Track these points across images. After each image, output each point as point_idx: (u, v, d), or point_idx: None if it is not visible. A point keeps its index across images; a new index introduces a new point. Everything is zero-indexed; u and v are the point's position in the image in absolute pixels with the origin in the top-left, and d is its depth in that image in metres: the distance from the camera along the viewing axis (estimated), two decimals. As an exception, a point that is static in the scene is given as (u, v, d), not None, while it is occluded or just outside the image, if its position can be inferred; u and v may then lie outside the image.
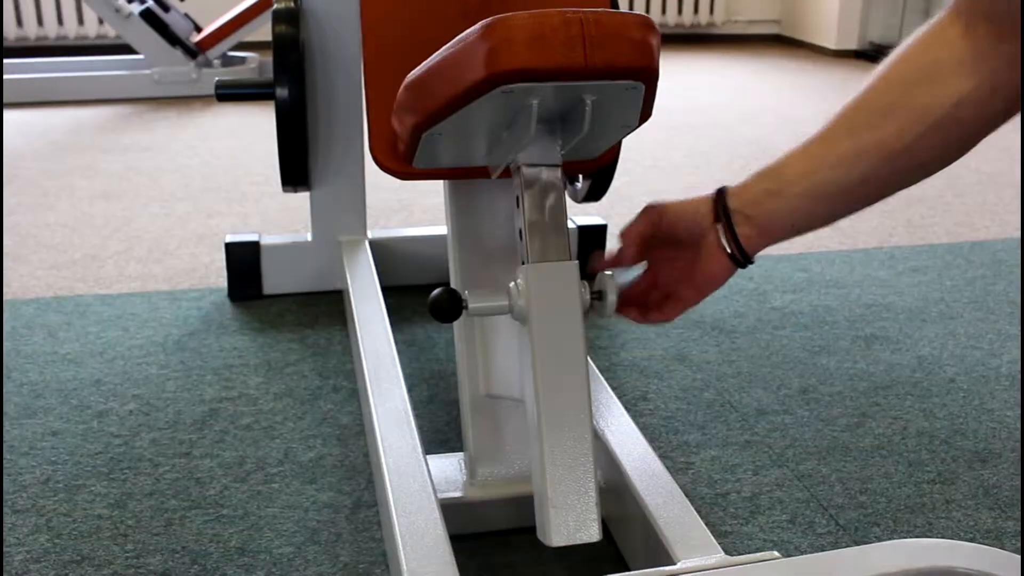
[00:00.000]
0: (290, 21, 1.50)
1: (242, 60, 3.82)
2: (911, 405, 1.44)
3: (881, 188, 0.78)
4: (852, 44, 4.86)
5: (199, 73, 3.59)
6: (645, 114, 0.80)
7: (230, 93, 1.57)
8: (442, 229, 1.88)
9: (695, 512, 0.98)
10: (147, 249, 2.03)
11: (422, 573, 0.86)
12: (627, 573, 0.88)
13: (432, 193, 2.43)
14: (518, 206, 0.85)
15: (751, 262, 0.82)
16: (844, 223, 2.34)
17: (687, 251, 0.84)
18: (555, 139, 0.83)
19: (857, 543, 1.11)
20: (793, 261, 2.08)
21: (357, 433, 1.31)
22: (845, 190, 0.76)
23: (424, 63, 0.81)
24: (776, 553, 0.91)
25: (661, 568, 0.89)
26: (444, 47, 0.77)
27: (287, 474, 1.21)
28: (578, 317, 0.84)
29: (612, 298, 0.87)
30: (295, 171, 1.57)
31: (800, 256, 2.11)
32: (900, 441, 1.33)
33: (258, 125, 3.20)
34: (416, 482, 1.01)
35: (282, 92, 1.47)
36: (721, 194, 0.81)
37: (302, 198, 2.35)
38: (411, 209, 2.35)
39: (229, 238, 1.75)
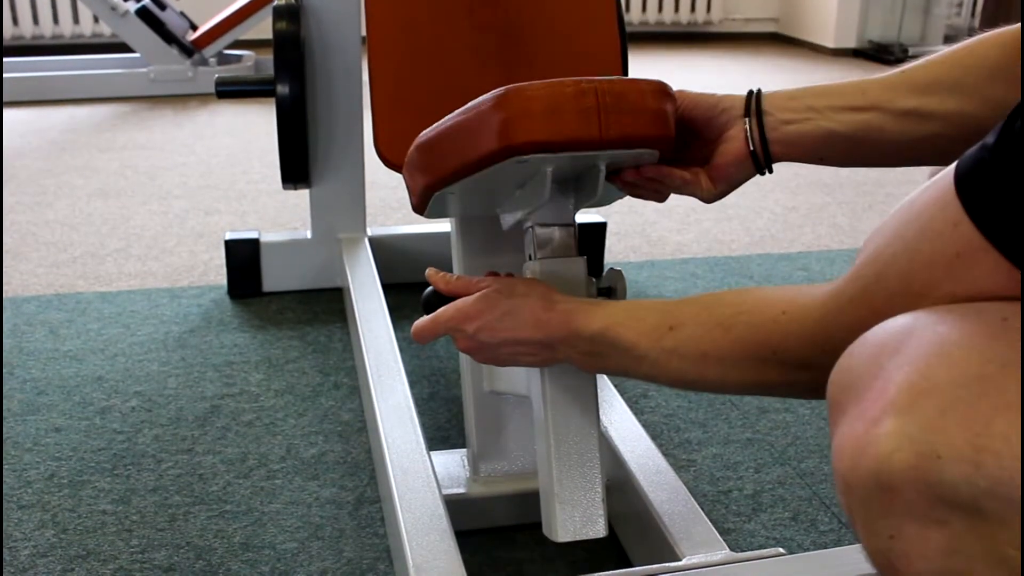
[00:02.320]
0: (291, 18, 1.50)
1: (238, 58, 3.82)
2: (911, 402, 1.44)
3: (926, 156, 0.75)
4: (851, 43, 4.87)
5: (195, 71, 3.59)
6: None
7: (230, 90, 1.56)
8: (441, 227, 1.88)
9: (699, 509, 0.98)
10: (146, 247, 2.03)
11: (428, 568, 0.86)
12: (632, 569, 0.88)
13: (431, 191, 2.43)
14: (530, 260, 0.86)
15: (770, 170, 0.78)
16: (844, 221, 2.38)
17: (699, 141, 0.80)
18: (568, 199, 0.84)
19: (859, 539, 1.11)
20: (793, 260, 2.09)
21: (359, 430, 1.31)
22: (894, 142, 0.73)
23: (435, 125, 0.80)
24: (781, 550, 0.92)
25: (667, 564, 0.89)
26: (457, 111, 0.76)
27: (289, 470, 1.21)
28: (584, 313, 0.85)
29: (622, 295, 0.87)
30: (296, 168, 1.57)
31: (800, 255, 2.12)
32: (900, 438, 1.34)
33: (255, 124, 3.20)
34: (420, 478, 1.01)
35: (283, 89, 1.47)
36: (757, 95, 0.77)
37: (300, 196, 2.35)
38: (409, 207, 2.35)
39: (228, 235, 1.75)
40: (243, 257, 1.74)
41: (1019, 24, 0.70)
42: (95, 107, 3.42)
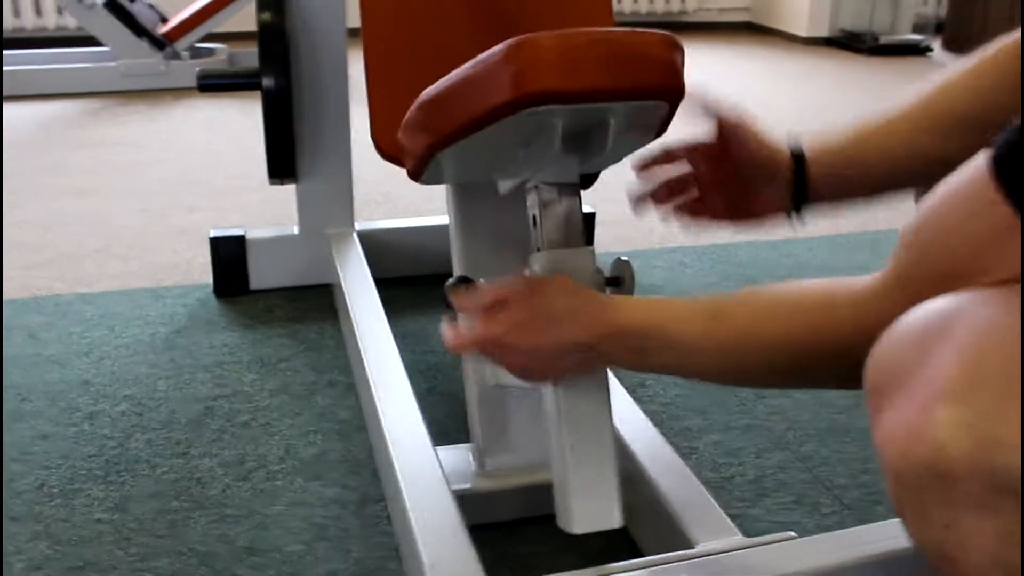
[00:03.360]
0: (275, 8, 1.47)
1: (211, 52, 3.76)
2: (906, 385, 1.45)
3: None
4: (823, 31, 4.90)
5: (168, 65, 3.52)
6: (661, 130, 0.80)
7: (213, 83, 1.53)
8: (429, 220, 1.86)
9: (708, 495, 0.98)
10: (127, 246, 1.99)
11: (442, 566, 0.85)
12: (650, 558, 0.87)
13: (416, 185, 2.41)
14: (534, 225, 0.84)
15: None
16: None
17: (743, 181, 0.83)
18: (573, 157, 0.82)
19: (862, 522, 1.11)
20: (778, 247, 2.09)
21: (358, 428, 1.29)
22: (918, 179, 0.76)
23: (440, 82, 0.78)
24: (792, 533, 0.91)
25: (682, 551, 0.88)
26: (463, 66, 0.74)
27: (289, 471, 1.19)
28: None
29: (630, 285, 0.86)
30: (283, 163, 1.54)
31: (786, 242, 2.13)
32: (898, 421, 1.34)
33: (232, 118, 3.15)
34: (429, 475, 1.00)
35: (269, 81, 1.44)
36: (800, 158, 0.80)
37: (283, 191, 2.31)
38: (395, 202, 2.32)
39: (214, 233, 1.71)
40: (229, 255, 1.70)
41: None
42: (64, 103, 3.35)
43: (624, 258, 0.88)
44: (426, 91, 0.81)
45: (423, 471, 1.00)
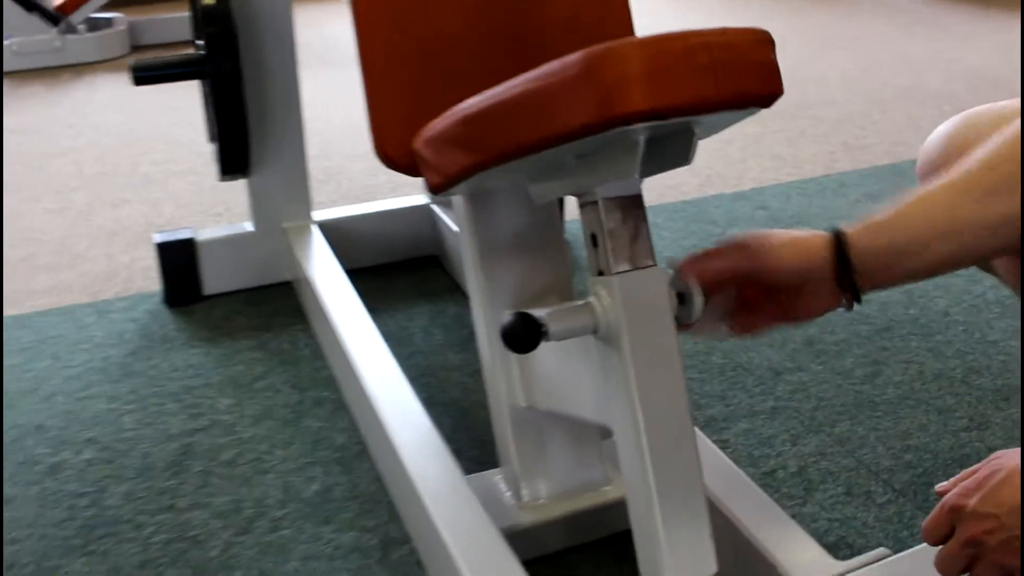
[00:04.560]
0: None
1: (109, 23, 3.45)
2: (918, 346, 1.40)
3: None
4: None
5: (64, 40, 3.22)
6: None
7: (150, 76, 1.34)
8: (390, 204, 1.73)
9: (783, 511, 0.90)
10: (53, 253, 1.78)
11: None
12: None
13: (360, 158, 2.25)
14: (595, 245, 0.73)
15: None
16: (784, 150, 2.32)
17: (784, 292, 0.76)
18: (645, 168, 0.71)
19: (920, 508, 1.06)
20: (750, 198, 2.03)
21: (358, 454, 1.17)
22: (986, 253, 0.74)
23: (489, 95, 0.67)
24: (886, 550, 0.84)
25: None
26: (523, 78, 0.63)
27: (295, 516, 1.06)
28: (672, 330, 0.73)
29: (699, 300, 0.76)
30: (238, 159, 1.38)
31: (755, 192, 2.06)
32: (921, 387, 1.29)
33: (141, 97, 2.87)
34: (468, 512, 0.90)
35: (218, 70, 1.27)
36: (842, 245, 0.73)
37: (214, 177, 2.13)
38: (339, 179, 2.16)
39: (159, 238, 1.54)
40: (179, 260, 1.53)
41: None
42: (-51, 90, 3.03)
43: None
44: (468, 104, 0.69)
45: (460, 509, 0.89)
